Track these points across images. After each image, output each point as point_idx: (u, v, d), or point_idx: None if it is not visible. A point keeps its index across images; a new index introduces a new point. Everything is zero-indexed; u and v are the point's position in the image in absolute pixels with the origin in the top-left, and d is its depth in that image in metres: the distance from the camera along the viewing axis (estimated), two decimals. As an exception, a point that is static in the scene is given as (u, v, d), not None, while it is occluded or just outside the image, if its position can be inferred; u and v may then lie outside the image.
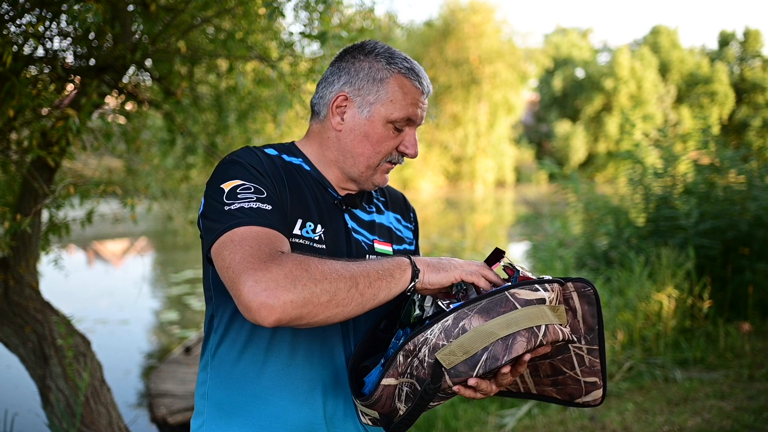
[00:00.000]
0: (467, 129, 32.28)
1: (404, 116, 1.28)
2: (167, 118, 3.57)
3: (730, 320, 5.11)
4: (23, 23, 2.48)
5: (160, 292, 9.95)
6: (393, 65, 1.28)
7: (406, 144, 1.31)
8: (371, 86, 1.28)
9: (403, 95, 1.28)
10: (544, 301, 1.11)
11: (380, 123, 1.28)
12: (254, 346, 1.26)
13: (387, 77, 1.28)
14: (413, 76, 1.29)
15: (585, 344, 1.20)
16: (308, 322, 1.04)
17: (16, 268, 2.84)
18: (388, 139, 1.29)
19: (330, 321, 1.06)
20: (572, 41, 41.37)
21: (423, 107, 1.32)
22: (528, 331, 1.06)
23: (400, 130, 1.30)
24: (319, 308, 1.03)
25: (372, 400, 1.16)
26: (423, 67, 1.35)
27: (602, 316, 1.20)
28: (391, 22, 5.33)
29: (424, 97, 1.32)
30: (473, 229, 17.50)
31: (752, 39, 40.22)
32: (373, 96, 1.28)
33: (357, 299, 1.06)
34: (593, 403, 1.23)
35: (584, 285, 1.19)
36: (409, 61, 1.31)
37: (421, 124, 1.33)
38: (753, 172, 5.77)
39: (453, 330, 1.07)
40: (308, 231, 1.25)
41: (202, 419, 1.30)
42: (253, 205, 1.15)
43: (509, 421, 3.91)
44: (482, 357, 1.05)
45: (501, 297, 1.09)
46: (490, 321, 1.07)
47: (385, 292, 1.10)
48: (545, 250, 7.31)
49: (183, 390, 5.29)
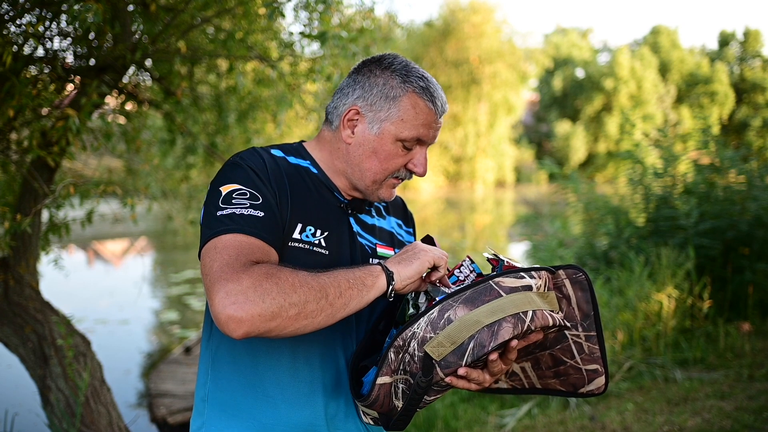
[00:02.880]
0: (467, 129, 32.28)
1: (414, 136, 1.26)
2: (167, 118, 3.58)
3: (730, 320, 5.11)
4: (23, 23, 2.48)
5: (160, 292, 9.95)
6: (408, 84, 1.26)
7: (414, 162, 1.30)
8: (384, 103, 1.26)
9: (415, 115, 1.26)
10: (530, 287, 1.11)
11: (389, 141, 1.27)
12: (255, 347, 1.26)
13: (400, 95, 1.26)
14: (427, 96, 1.26)
15: (582, 331, 1.20)
16: (277, 334, 1.04)
17: (16, 268, 2.84)
18: (397, 156, 1.28)
19: (299, 332, 1.06)
20: (572, 41, 41.38)
21: (436, 128, 1.29)
22: (514, 317, 1.06)
23: (410, 148, 1.29)
24: (287, 321, 1.03)
25: (370, 399, 1.16)
26: (437, 83, 1.32)
27: (597, 300, 1.20)
28: (391, 22, 5.33)
29: (438, 117, 1.29)
30: (473, 229, 17.49)
31: (752, 39, 40.23)
32: (384, 113, 1.26)
33: (327, 310, 1.06)
34: (597, 391, 1.22)
35: (575, 271, 1.19)
36: (425, 79, 1.27)
37: (433, 143, 1.32)
38: (753, 172, 5.77)
39: (439, 322, 1.08)
40: (308, 235, 1.25)
41: (202, 420, 1.31)
42: (244, 212, 1.15)
43: (509, 421, 3.91)
44: (469, 345, 1.05)
45: (485, 286, 1.09)
46: (475, 310, 1.07)
47: (356, 301, 1.10)
48: (545, 250, 7.32)
49: (183, 390, 5.29)
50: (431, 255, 1.18)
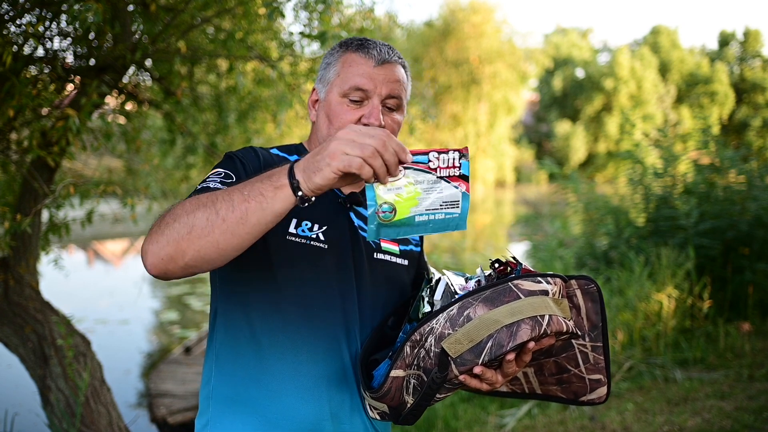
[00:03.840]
0: (467, 129, 32.24)
1: (352, 86, 1.26)
2: (167, 118, 3.57)
3: (730, 320, 5.10)
4: (23, 23, 2.48)
5: (160, 292, 9.95)
6: (343, 46, 1.32)
7: (366, 115, 1.27)
8: (326, 71, 1.33)
9: (350, 68, 1.28)
10: (546, 293, 1.12)
11: (335, 101, 1.29)
12: (257, 342, 1.26)
13: (337, 58, 1.32)
14: (362, 50, 1.29)
15: (589, 341, 1.21)
16: (186, 262, 1.03)
17: (16, 268, 2.84)
18: (345, 113, 1.28)
19: (205, 255, 1.03)
20: (572, 41, 41.38)
21: (379, 78, 1.27)
22: (532, 320, 1.07)
23: (358, 101, 1.27)
24: (182, 243, 1.02)
25: (381, 392, 1.17)
26: (382, 42, 1.33)
27: (606, 313, 1.21)
28: (391, 22, 5.33)
29: (376, 64, 1.27)
30: (473, 229, 17.49)
31: (752, 39, 40.23)
32: (327, 79, 1.32)
33: (220, 226, 1.01)
34: (598, 400, 1.24)
35: (587, 282, 1.20)
36: (364, 40, 1.32)
37: (384, 94, 1.28)
38: (753, 172, 5.77)
39: (458, 319, 1.09)
40: (304, 230, 1.27)
41: (207, 417, 1.31)
42: (211, 185, 1.18)
43: (509, 421, 3.91)
44: (487, 344, 1.06)
45: (505, 287, 1.10)
46: (495, 309, 1.08)
47: (257, 214, 1.01)
48: (545, 250, 7.31)
49: (183, 390, 5.29)
50: (345, 161, 0.97)
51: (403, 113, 1.34)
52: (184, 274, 1.07)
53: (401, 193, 1.02)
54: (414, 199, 1.03)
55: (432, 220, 1.05)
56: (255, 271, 1.27)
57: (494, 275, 1.21)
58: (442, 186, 1.04)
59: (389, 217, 1.03)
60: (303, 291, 1.27)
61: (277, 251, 1.26)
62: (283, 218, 1.14)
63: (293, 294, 1.26)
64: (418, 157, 1.02)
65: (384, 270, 1.36)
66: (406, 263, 1.42)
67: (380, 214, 1.02)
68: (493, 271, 1.22)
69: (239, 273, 1.28)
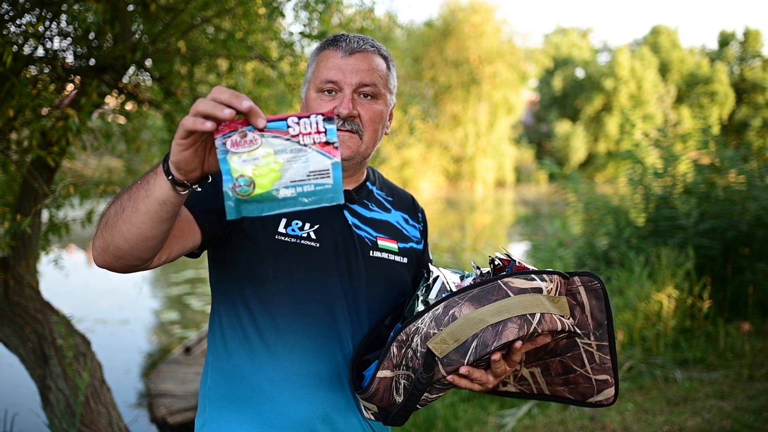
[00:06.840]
0: (467, 129, 32.25)
1: (324, 79, 1.29)
2: (167, 118, 3.57)
3: (730, 320, 5.11)
4: (23, 23, 2.48)
5: (160, 292, 9.95)
6: (321, 45, 1.36)
7: (338, 105, 1.28)
8: (307, 72, 1.38)
9: (323, 63, 1.32)
10: (540, 290, 1.09)
11: (312, 96, 1.33)
12: (249, 341, 1.27)
13: (314, 58, 1.36)
14: (333, 45, 1.33)
15: (594, 340, 1.18)
16: (113, 253, 1.05)
17: (16, 268, 2.84)
18: (320, 107, 1.30)
19: (120, 245, 1.03)
20: (572, 41, 41.35)
21: (349, 68, 1.28)
22: (520, 318, 1.04)
23: (330, 92, 1.30)
24: (105, 235, 1.05)
25: (369, 393, 1.16)
26: (357, 35, 1.35)
27: (611, 311, 1.17)
28: (391, 22, 5.33)
29: (344, 54, 1.29)
30: (473, 229, 17.49)
31: (752, 39, 40.21)
32: (306, 79, 1.37)
33: (122, 214, 1.02)
34: (606, 402, 1.20)
35: (591, 279, 1.17)
36: (338, 35, 1.35)
37: (355, 83, 1.28)
38: (753, 172, 5.77)
39: (443, 318, 1.07)
40: (294, 229, 1.28)
41: (205, 417, 1.32)
42: None
43: (509, 421, 3.91)
44: (472, 344, 1.04)
45: (493, 285, 1.08)
46: (481, 308, 1.06)
47: (144, 202, 0.99)
48: (545, 250, 7.32)
49: (183, 390, 5.29)
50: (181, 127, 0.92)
51: (385, 103, 1.33)
52: (123, 266, 1.08)
53: (259, 164, 0.91)
54: (275, 170, 0.92)
55: (301, 193, 0.93)
56: (246, 270, 1.27)
57: (492, 273, 1.19)
58: (308, 155, 0.93)
59: (247, 191, 0.92)
60: (294, 290, 1.26)
61: (267, 251, 1.26)
62: (274, 217, 1.15)
63: (284, 294, 1.26)
64: (274, 123, 0.92)
65: (381, 268, 1.35)
66: (406, 261, 1.41)
67: (237, 189, 0.91)
68: (492, 268, 1.20)
69: (231, 272, 1.29)
